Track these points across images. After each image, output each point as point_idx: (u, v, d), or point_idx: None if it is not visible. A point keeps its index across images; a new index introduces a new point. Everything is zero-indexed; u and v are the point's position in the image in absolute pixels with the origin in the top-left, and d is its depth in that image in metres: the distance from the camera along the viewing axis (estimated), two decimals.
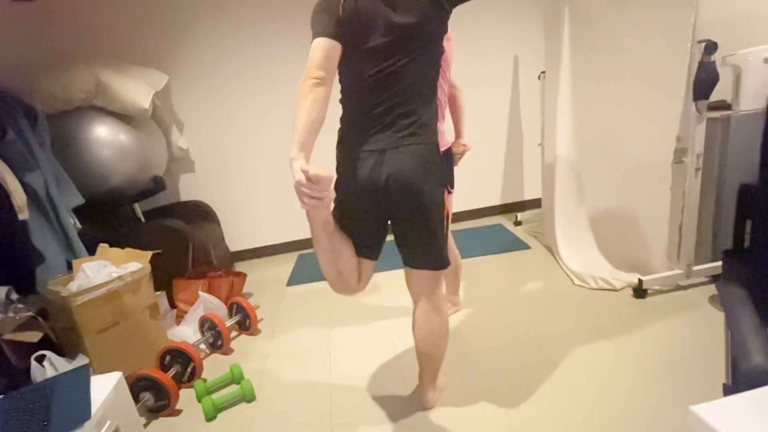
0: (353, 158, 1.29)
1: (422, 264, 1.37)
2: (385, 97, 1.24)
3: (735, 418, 0.61)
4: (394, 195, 1.26)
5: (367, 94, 1.26)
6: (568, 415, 1.45)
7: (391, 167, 1.24)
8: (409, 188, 1.25)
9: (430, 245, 1.33)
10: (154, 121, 2.79)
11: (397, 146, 1.24)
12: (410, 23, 1.19)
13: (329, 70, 1.19)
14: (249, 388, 1.73)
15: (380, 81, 1.24)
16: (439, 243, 1.34)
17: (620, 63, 2.09)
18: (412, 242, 1.35)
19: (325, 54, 1.18)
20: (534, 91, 3.19)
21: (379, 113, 1.25)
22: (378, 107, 1.25)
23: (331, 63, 1.20)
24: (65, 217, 2.11)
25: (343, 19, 1.19)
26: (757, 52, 1.90)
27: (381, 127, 1.26)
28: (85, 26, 2.82)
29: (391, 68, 1.22)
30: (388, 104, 1.24)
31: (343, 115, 1.35)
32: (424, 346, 1.46)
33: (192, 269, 2.52)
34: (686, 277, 2.06)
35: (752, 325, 0.83)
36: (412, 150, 1.24)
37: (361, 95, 1.28)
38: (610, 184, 2.31)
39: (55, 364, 1.56)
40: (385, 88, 1.24)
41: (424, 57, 1.25)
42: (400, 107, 1.24)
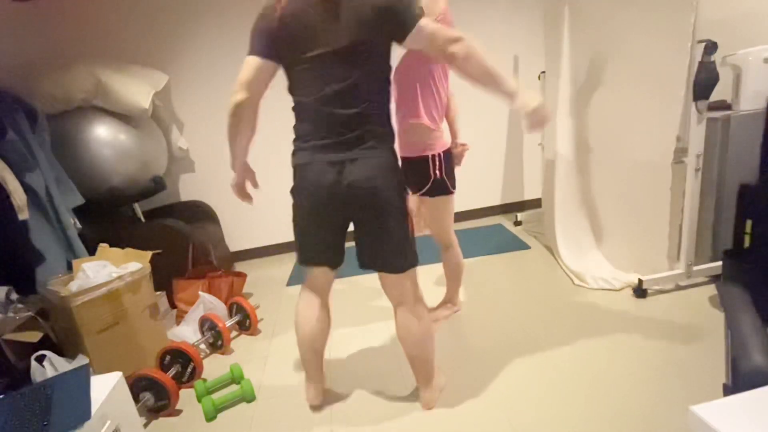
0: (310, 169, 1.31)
1: (383, 265, 1.40)
2: (334, 110, 1.25)
3: (735, 418, 0.61)
4: (354, 202, 1.30)
5: (315, 107, 1.27)
6: (568, 414, 1.45)
7: (351, 177, 1.26)
8: (369, 193, 1.28)
9: (390, 247, 1.36)
10: (154, 121, 2.79)
11: (356, 158, 1.26)
12: (351, 37, 1.18)
13: (254, 90, 1.27)
14: (249, 388, 1.73)
15: (327, 95, 1.24)
16: (401, 245, 1.36)
17: (620, 63, 2.09)
18: (372, 245, 1.38)
19: (251, 74, 1.25)
20: (534, 91, 3.19)
21: (330, 126, 1.26)
22: (328, 120, 1.26)
23: (258, 83, 1.26)
24: (65, 217, 2.11)
25: (280, 35, 1.21)
26: (757, 52, 1.90)
27: (335, 140, 1.26)
28: (85, 26, 2.82)
29: (335, 82, 1.22)
30: (338, 117, 1.25)
31: (295, 126, 1.35)
32: (409, 350, 1.49)
33: (192, 269, 2.52)
34: (686, 277, 2.06)
35: (752, 325, 0.83)
36: (368, 161, 1.27)
37: (310, 108, 1.29)
38: (610, 184, 2.31)
39: (55, 364, 1.56)
40: (333, 101, 1.24)
41: (369, 69, 1.24)
42: (350, 120, 1.25)
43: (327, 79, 1.23)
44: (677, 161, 1.98)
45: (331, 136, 1.27)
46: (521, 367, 1.71)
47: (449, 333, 2.03)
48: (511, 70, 3.36)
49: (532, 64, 3.26)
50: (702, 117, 1.87)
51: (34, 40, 2.76)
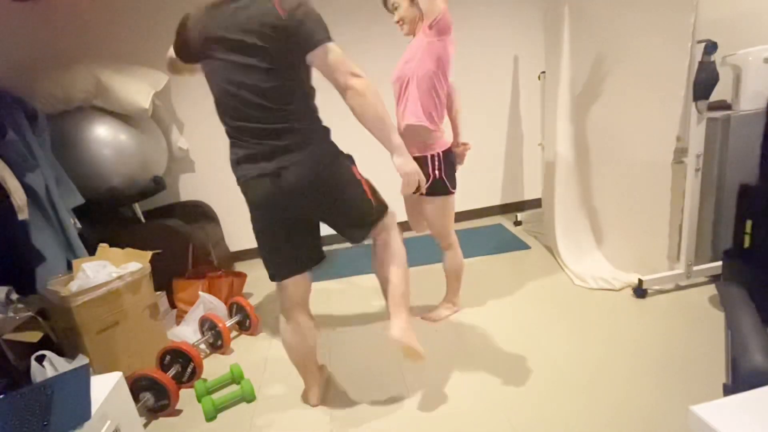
0: (247, 185, 1.35)
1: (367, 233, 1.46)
2: (248, 118, 1.26)
3: (735, 418, 0.61)
4: (303, 204, 1.33)
5: (231, 115, 1.30)
6: (568, 414, 1.45)
7: (287, 184, 1.27)
8: (312, 191, 1.30)
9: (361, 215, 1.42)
10: (154, 121, 2.79)
11: (287, 166, 1.26)
12: (248, 43, 1.19)
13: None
14: (249, 388, 1.73)
15: (237, 102, 1.26)
16: (366, 206, 1.42)
17: (620, 63, 2.09)
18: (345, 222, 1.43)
19: None
20: (534, 91, 3.19)
21: (251, 135, 1.27)
22: (247, 129, 1.27)
23: None
24: (65, 217, 2.11)
25: (187, 37, 1.30)
26: (757, 52, 1.90)
27: (260, 151, 1.27)
28: (85, 26, 2.82)
29: (241, 88, 1.23)
30: (254, 125, 1.26)
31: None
32: (392, 280, 1.49)
33: (192, 269, 2.52)
34: (686, 277, 2.06)
35: (752, 325, 0.83)
36: (300, 165, 1.27)
37: (226, 117, 1.32)
38: (610, 184, 2.31)
39: (55, 364, 1.56)
40: (242, 108, 1.25)
41: (275, 76, 1.22)
42: (269, 132, 1.26)
43: (232, 86, 1.25)
44: (677, 161, 1.98)
45: (254, 147, 1.28)
46: (521, 367, 1.71)
47: (449, 333, 2.03)
48: (511, 70, 3.36)
49: (532, 64, 3.26)
50: (702, 117, 1.87)
51: (34, 40, 2.76)
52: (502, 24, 3.23)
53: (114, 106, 2.44)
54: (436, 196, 1.82)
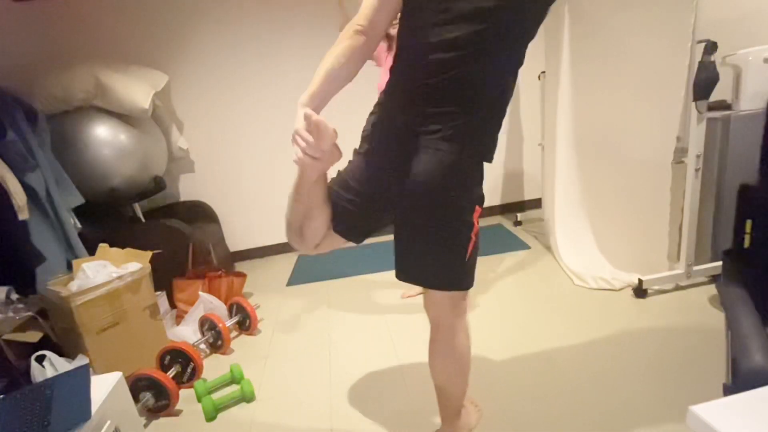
0: (390, 125, 1.08)
1: (419, 277, 1.15)
2: (439, 84, 0.99)
3: (735, 418, 0.61)
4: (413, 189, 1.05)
5: (420, 72, 1.01)
6: (568, 414, 1.45)
7: (416, 169, 1.03)
8: (430, 186, 1.03)
9: (440, 258, 1.10)
10: (154, 121, 2.79)
11: (428, 146, 1.02)
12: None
13: (375, 27, 1.00)
14: (249, 388, 1.73)
15: (441, 61, 0.97)
16: (453, 260, 1.10)
17: (620, 63, 2.09)
18: (421, 250, 1.11)
19: (373, 7, 0.99)
20: (534, 91, 3.19)
21: (426, 100, 1.01)
22: (427, 92, 1.00)
23: (380, 18, 0.99)
24: (65, 217, 2.11)
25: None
26: (757, 52, 1.90)
27: (422, 116, 1.02)
28: (85, 26, 2.82)
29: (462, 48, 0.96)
30: (439, 95, 0.99)
31: (389, 83, 1.11)
32: (435, 377, 1.27)
33: (192, 269, 2.52)
34: (686, 277, 2.06)
35: (752, 325, 0.83)
36: (440, 155, 1.02)
37: (411, 70, 1.04)
38: (610, 184, 2.30)
39: (55, 364, 1.56)
40: (443, 70, 0.97)
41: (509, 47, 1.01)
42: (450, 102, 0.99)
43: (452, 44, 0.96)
44: (677, 161, 1.99)
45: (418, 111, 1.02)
46: (521, 367, 1.71)
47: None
48: None
49: (532, 64, 3.24)
50: (702, 117, 1.87)
51: (34, 40, 2.76)
52: None
53: (114, 106, 2.44)
54: None
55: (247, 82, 3.08)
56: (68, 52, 2.76)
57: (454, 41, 0.96)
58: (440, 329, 1.22)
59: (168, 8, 2.90)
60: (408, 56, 1.05)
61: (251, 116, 3.14)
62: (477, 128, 1.05)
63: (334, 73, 0.99)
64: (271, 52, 3.03)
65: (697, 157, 1.93)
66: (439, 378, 1.27)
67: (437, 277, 1.12)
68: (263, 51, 3.03)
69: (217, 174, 3.25)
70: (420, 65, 1.01)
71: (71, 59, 2.56)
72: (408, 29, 1.04)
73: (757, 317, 0.86)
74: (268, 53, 3.04)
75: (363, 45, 1.00)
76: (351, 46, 0.99)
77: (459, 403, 1.33)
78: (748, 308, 0.89)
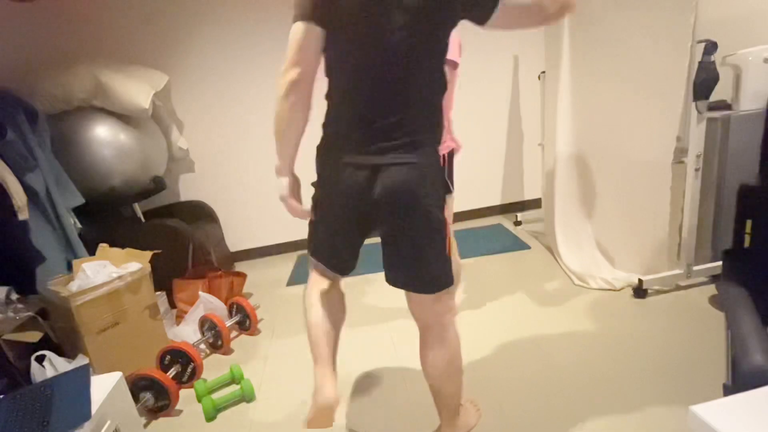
0: (338, 172, 1.10)
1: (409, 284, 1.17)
2: (380, 103, 1.03)
3: (735, 418, 0.61)
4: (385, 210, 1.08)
5: (357, 96, 1.05)
6: (568, 414, 1.45)
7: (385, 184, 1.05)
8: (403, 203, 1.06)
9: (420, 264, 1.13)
10: (154, 121, 2.79)
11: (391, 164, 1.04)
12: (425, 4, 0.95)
13: (307, 64, 1.01)
14: (249, 388, 1.73)
15: (375, 81, 1.01)
16: (435, 263, 1.14)
17: (620, 63, 2.09)
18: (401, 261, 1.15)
19: (298, 45, 1.00)
20: (534, 91, 3.19)
21: (370, 123, 1.04)
22: (370, 115, 1.04)
23: (308, 54, 1.01)
24: (65, 217, 2.11)
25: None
26: (757, 52, 1.90)
27: (372, 141, 1.04)
28: (85, 26, 2.82)
29: (390, 65, 1.00)
30: (382, 114, 1.03)
31: (327, 117, 1.12)
32: (431, 381, 1.28)
33: (192, 269, 2.52)
34: (686, 277, 2.06)
35: (752, 325, 0.83)
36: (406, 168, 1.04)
37: (350, 97, 1.06)
38: (610, 184, 2.30)
39: (55, 364, 1.56)
40: (380, 90, 1.02)
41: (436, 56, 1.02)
42: (396, 120, 1.03)
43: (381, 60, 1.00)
44: (677, 161, 1.98)
45: (366, 137, 1.05)
46: (521, 367, 1.71)
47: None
48: (511, 70, 3.36)
49: (532, 64, 3.26)
50: (702, 117, 1.87)
51: (34, 40, 2.76)
52: None
53: (114, 106, 2.44)
54: None
55: (248, 82, 3.08)
56: (68, 52, 2.76)
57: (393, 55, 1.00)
58: (431, 330, 1.23)
59: (168, 8, 2.90)
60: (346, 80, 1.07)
61: (251, 116, 3.14)
62: (429, 128, 1.09)
63: (292, 135, 1.08)
64: (272, 51, 3.03)
65: (697, 157, 1.93)
66: (436, 380, 1.27)
67: (425, 281, 1.15)
68: (264, 50, 3.03)
69: (217, 174, 3.25)
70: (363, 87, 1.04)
71: (71, 59, 2.56)
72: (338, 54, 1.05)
73: (757, 317, 0.86)
74: (268, 52, 3.03)
75: (305, 90, 1.04)
76: (295, 101, 1.03)
77: (457, 402, 1.33)
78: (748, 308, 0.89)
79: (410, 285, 1.18)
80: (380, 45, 0.99)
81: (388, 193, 1.05)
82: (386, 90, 1.02)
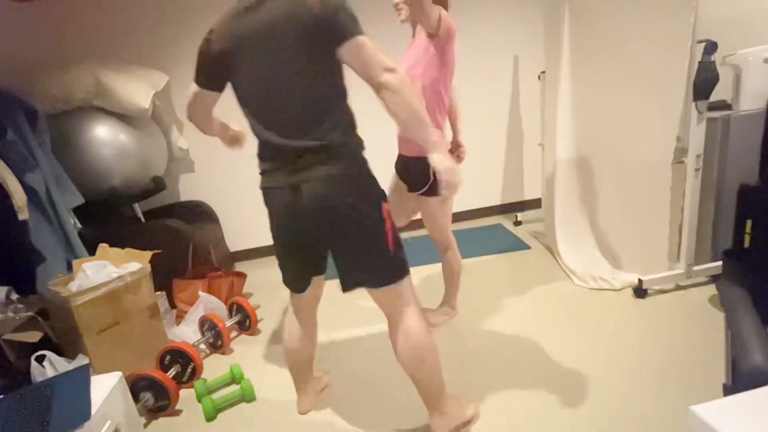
0: (270, 197, 1.27)
1: (357, 283, 1.27)
2: (283, 131, 1.17)
3: (735, 418, 0.61)
4: (314, 225, 1.20)
5: (264, 129, 1.20)
6: (568, 414, 1.45)
7: (308, 201, 1.16)
8: (327, 216, 1.17)
9: (368, 266, 1.24)
10: (154, 121, 2.79)
11: (308, 180, 1.15)
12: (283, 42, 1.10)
13: (194, 116, 1.35)
14: (249, 388, 1.73)
15: (274, 113, 1.17)
16: (379, 258, 1.23)
17: (620, 63, 2.09)
18: (347, 267, 1.26)
19: (187, 102, 1.31)
20: (534, 91, 3.19)
21: (282, 149, 1.17)
22: (280, 142, 1.17)
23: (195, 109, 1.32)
24: (65, 217, 2.11)
25: (215, 51, 1.17)
26: (757, 52, 1.90)
27: (288, 163, 1.18)
28: (85, 26, 2.82)
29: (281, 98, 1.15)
30: (289, 138, 1.16)
31: (257, 149, 1.28)
32: (406, 368, 1.33)
33: (192, 269, 2.52)
34: (686, 277, 2.06)
35: (752, 325, 0.83)
36: (323, 183, 1.15)
37: (259, 129, 1.21)
38: (610, 184, 2.31)
39: (55, 364, 1.56)
40: (280, 119, 1.16)
41: (311, 78, 1.14)
42: (302, 144, 1.15)
43: (262, 90, 1.17)
44: (677, 161, 1.99)
45: (281, 161, 1.20)
46: (521, 368, 1.71)
47: (449, 333, 2.03)
48: (511, 70, 3.36)
49: (532, 64, 3.26)
50: (702, 117, 1.88)
51: (34, 40, 2.76)
52: (502, 24, 3.23)
53: (114, 106, 2.44)
54: (435, 197, 1.82)
55: None
56: (68, 52, 2.76)
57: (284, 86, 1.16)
58: (391, 321, 1.32)
59: (168, 8, 2.90)
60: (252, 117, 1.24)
61: None
62: (339, 140, 1.18)
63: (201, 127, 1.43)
64: None
65: (697, 157, 1.93)
66: (407, 367, 1.33)
67: (373, 277, 1.26)
68: None
69: (217, 174, 3.25)
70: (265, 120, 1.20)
71: (71, 59, 2.56)
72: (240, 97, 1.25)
73: (757, 317, 0.86)
74: None
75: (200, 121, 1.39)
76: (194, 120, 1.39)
77: (437, 390, 1.36)
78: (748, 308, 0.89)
79: (359, 284, 1.28)
80: (268, 84, 1.14)
81: (313, 210, 1.17)
82: (284, 117, 1.16)
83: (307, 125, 1.15)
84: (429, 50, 1.62)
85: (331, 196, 1.16)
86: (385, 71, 1.07)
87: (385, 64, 1.08)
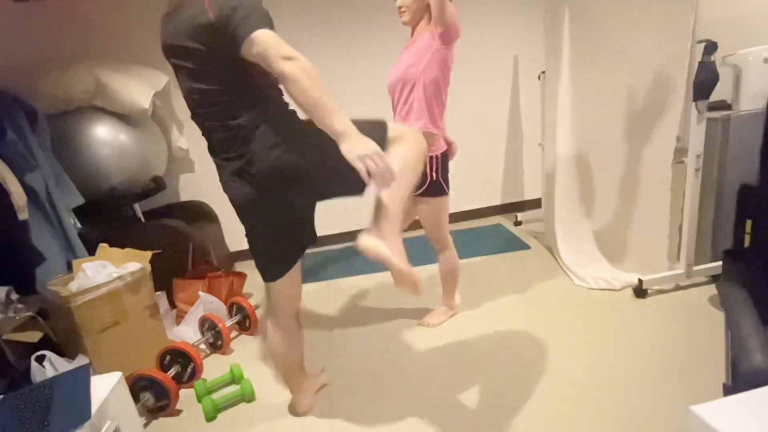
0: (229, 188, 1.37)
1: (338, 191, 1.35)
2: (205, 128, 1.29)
3: (735, 418, 0.61)
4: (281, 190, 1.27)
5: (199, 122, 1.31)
6: (568, 414, 1.45)
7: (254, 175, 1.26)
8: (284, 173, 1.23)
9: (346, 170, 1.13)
10: (154, 121, 2.79)
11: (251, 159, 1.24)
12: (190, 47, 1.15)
13: None
14: (249, 388, 1.73)
15: (197, 108, 1.26)
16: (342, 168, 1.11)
17: (620, 63, 2.09)
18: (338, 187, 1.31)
19: None
20: (534, 91, 3.19)
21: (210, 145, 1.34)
22: (210, 134, 1.30)
23: None
24: (65, 217, 2.11)
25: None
26: (757, 52, 1.90)
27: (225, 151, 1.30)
28: (85, 26, 2.82)
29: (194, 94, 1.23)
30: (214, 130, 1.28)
31: None
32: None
33: (192, 269, 2.52)
34: (686, 277, 2.06)
35: (752, 325, 0.83)
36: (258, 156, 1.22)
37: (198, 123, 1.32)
38: (610, 184, 2.31)
39: (55, 364, 1.56)
40: (200, 114, 1.26)
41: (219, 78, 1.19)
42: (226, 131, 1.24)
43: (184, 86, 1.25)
44: (677, 161, 1.99)
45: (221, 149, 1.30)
46: (521, 368, 1.71)
47: (449, 332, 2.03)
48: (511, 70, 3.36)
49: (532, 64, 3.26)
50: (702, 117, 1.87)
51: (34, 40, 2.76)
52: (502, 24, 3.23)
53: (114, 106, 2.44)
54: (432, 198, 1.82)
55: None
56: (68, 52, 2.76)
57: None
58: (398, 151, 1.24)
59: None
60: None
61: None
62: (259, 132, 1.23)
63: None
64: None
65: (697, 157, 1.93)
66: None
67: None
68: None
69: (217, 174, 3.25)
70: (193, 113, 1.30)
71: (71, 59, 2.55)
72: None
73: (757, 317, 0.86)
74: None
75: None
76: None
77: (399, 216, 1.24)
78: (748, 308, 0.89)
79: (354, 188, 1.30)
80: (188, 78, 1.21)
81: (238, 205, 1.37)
82: (203, 112, 1.24)
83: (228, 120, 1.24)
84: (431, 48, 1.62)
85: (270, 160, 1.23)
86: (283, 60, 1.04)
87: (283, 52, 1.05)
